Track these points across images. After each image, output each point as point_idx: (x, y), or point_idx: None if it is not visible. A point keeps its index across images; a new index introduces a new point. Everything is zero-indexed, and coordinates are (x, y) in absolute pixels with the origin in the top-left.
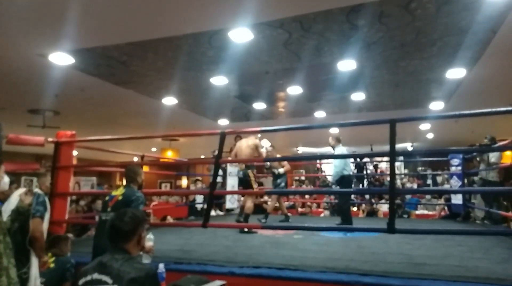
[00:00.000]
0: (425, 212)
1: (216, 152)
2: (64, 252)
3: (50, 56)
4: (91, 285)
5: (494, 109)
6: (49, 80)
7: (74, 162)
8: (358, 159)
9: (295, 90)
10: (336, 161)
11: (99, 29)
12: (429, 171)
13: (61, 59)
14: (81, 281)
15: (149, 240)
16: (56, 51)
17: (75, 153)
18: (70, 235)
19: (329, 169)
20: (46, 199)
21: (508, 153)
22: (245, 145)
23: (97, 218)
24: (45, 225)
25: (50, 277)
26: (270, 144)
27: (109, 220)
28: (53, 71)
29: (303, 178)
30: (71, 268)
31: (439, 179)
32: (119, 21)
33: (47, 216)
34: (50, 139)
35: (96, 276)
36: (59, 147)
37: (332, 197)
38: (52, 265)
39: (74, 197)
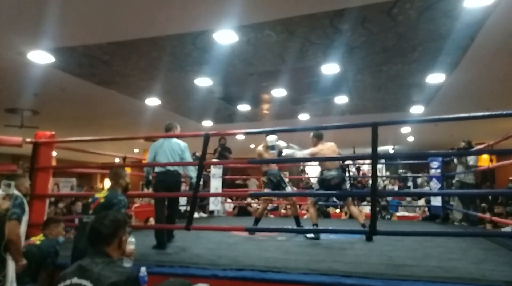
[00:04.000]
0: (406, 214)
1: (197, 154)
2: (54, 235)
3: (29, 54)
4: None
5: (472, 114)
6: (28, 79)
7: (53, 163)
8: (341, 162)
9: (279, 92)
10: None
11: (81, 28)
12: (409, 174)
13: (40, 57)
14: None
15: (131, 243)
16: (35, 50)
17: (54, 154)
18: None
19: (313, 171)
20: (25, 201)
21: (485, 156)
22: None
23: (76, 220)
24: (23, 228)
25: (31, 252)
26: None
27: (89, 223)
28: (32, 69)
29: (286, 180)
30: (54, 255)
31: (419, 181)
32: (101, 20)
33: (25, 218)
34: (28, 140)
35: (75, 280)
36: (37, 148)
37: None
38: (38, 242)
39: (52, 199)
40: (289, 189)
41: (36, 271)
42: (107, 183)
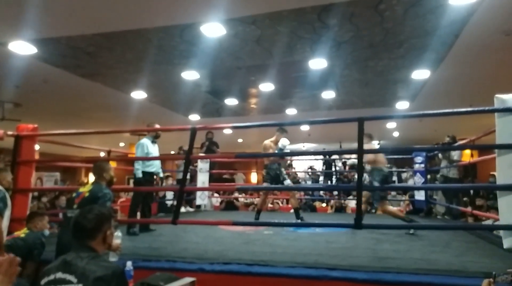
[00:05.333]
0: (390, 207)
1: (185, 148)
2: (39, 228)
3: (10, 44)
4: (54, 284)
5: (455, 110)
6: (9, 70)
7: (36, 156)
8: (327, 156)
9: (267, 86)
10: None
11: (65, 18)
12: (394, 168)
13: (22, 48)
14: (43, 281)
15: (117, 237)
16: (17, 40)
17: (37, 147)
18: None
19: (300, 165)
20: (7, 195)
21: (467, 151)
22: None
23: (60, 215)
24: (5, 222)
25: (17, 245)
26: (287, 143)
27: (73, 217)
28: (14, 60)
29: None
30: (40, 246)
31: (403, 176)
32: (86, 10)
33: (7, 213)
34: (10, 133)
35: (59, 275)
36: (20, 141)
37: (302, 193)
38: (23, 235)
39: (36, 194)
40: (288, 182)
41: (22, 263)
42: (92, 178)
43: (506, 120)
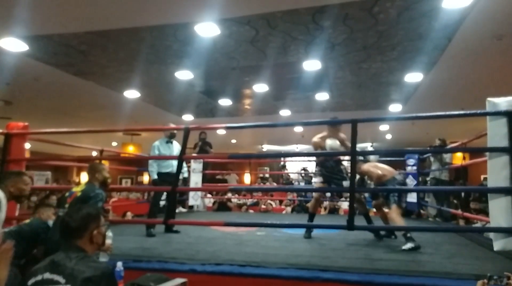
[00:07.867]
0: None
1: None
2: (44, 218)
3: (1, 41)
4: (42, 285)
5: (447, 113)
6: None
7: (27, 155)
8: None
9: (261, 87)
10: None
11: (57, 15)
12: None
13: (13, 45)
14: (30, 281)
15: (108, 237)
16: (7, 36)
17: (28, 146)
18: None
19: (293, 166)
20: (4, 201)
21: (458, 154)
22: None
23: None
24: None
25: (23, 231)
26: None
27: (61, 216)
28: (4, 57)
29: (267, 175)
30: (46, 230)
31: None
32: (79, 7)
33: (1, 215)
34: None
35: (47, 275)
36: (10, 139)
37: (295, 194)
38: (28, 221)
39: None
40: (346, 183)
41: (30, 250)
42: (83, 177)
43: (497, 124)
